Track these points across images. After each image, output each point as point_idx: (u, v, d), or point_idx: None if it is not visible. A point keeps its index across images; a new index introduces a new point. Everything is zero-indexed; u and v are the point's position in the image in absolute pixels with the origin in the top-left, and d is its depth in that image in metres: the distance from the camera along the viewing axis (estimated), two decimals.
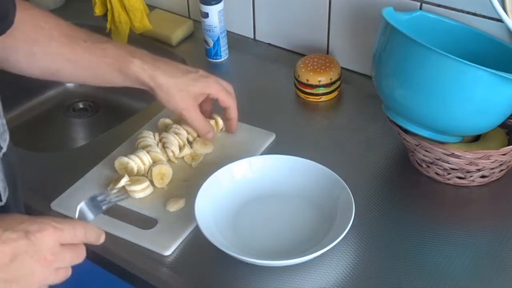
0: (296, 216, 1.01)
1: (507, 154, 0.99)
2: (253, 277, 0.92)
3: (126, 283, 0.97)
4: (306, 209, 1.01)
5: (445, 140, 1.01)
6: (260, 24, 1.43)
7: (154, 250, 0.95)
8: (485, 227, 0.98)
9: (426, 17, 1.11)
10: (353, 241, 0.96)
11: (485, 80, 0.92)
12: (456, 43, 1.08)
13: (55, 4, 1.64)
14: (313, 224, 0.99)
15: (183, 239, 0.97)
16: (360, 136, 1.17)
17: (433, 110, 0.96)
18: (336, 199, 0.99)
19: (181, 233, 0.97)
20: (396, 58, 0.98)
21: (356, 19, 1.27)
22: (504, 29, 1.08)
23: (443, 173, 1.05)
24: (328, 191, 1.01)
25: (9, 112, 1.50)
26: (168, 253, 0.95)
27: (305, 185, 1.03)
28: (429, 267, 0.92)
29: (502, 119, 1.00)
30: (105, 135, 1.23)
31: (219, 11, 1.35)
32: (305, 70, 1.24)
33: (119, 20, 1.41)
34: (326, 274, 0.92)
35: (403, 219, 1.00)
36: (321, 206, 1.00)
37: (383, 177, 1.08)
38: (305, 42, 1.38)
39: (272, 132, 1.16)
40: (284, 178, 1.04)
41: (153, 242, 0.96)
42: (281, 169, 1.05)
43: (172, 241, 0.96)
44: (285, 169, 1.05)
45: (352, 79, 1.31)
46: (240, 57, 1.42)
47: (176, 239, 0.96)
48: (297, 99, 1.28)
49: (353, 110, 1.24)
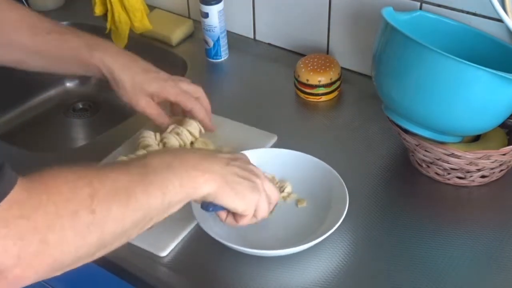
0: (290, 208, 1.01)
1: (507, 154, 0.99)
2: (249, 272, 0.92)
3: (125, 282, 0.97)
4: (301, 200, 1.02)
5: (445, 140, 1.01)
6: (260, 24, 1.43)
7: (150, 250, 0.95)
8: (485, 227, 0.98)
9: (426, 17, 1.11)
10: (353, 241, 0.97)
11: (485, 80, 0.92)
12: (456, 43, 1.08)
13: (54, 4, 1.63)
14: (307, 215, 1.00)
15: (181, 239, 0.97)
16: (360, 136, 1.17)
17: (433, 110, 0.96)
18: (330, 191, 1.00)
19: (178, 234, 0.97)
20: (396, 58, 0.98)
21: (356, 19, 1.27)
22: (504, 29, 1.08)
23: (443, 173, 1.05)
24: (322, 182, 1.02)
25: (9, 112, 1.50)
26: (164, 254, 0.95)
27: (299, 177, 1.04)
28: (429, 267, 0.92)
29: (502, 119, 1.00)
30: (105, 135, 1.23)
31: (219, 11, 1.35)
32: (305, 70, 1.24)
33: (119, 20, 1.40)
34: (326, 272, 0.92)
35: (403, 219, 1.00)
36: (315, 198, 1.01)
37: (383, 177, 1.08)
38: (305, 42, 1.38)
39: (273, 134, 1.15)
40: (278, 171, 1.05)
41: (149, 243, 0.96)
42: (275, 162, 1.05)
43: (169, 242, 0.96)
44: (279, 162, 1.05)
45: (352, 79, 1.31)
46: (240, 57, 1.42)
47: (173, 240, 0.96)
48: (297, 99, 1.28)
49: (353, 110, 1.24)
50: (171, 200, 0.76)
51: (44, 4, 1.62)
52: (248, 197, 0.85)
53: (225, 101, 1.30)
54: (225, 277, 0.93)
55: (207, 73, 1.40)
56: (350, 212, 0.95)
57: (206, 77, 1.39)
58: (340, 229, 0.96)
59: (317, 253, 0.94)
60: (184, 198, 0.79)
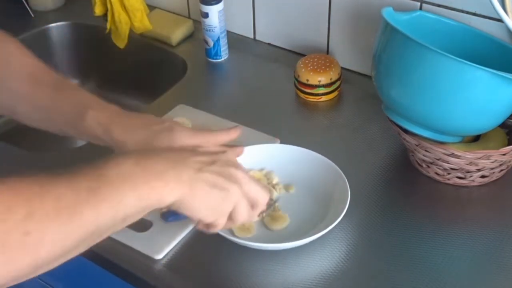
0: (292, 203, 1.02)
1: (507, 154, 0.99)
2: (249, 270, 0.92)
3: (125, 282, 0.97)
4: (302, 196, 1.03)
5: (445, 140, 1.01)
6: (260, 24, 1.43)
7: (146, 253, 0.95)
8: (485, 227, 0.98)
9: (426, 17, 1.11)
10: (353, 241, 0.97)
11: (485, 80, 0.92)
12: (456, 43, 1.08)
13: (54, 4, 1.64)
14: (308, 210, 1.00)
15: (178, 242, 0.97)
16: (360, 136, 1.17)
17: (433, 110, 0.96)
18: (332, 186, 1.00)
19: (175, 237, 0.97)
20: (396, 58, 0.98)
21: (356, 19, 1.27)
22: (504, 29, 1.08)
23: (443, 173, 1.04)
24: (323, 178, 1.02)
25: None
26: (160, 257, 0.94)
27: (302, 172, 1.04)
28: (429, 267, 0.92)
29: (502, 119, 1.00)
30: None
31: (219, 11, 1.35)
32: (305, 70, 1.24)
33: (119, 20, 1.41)
34: (326, 272, 0.92)
35: (402, 219, 1.00)
36: (317, 193, 1.02)
37: (383, 177, 1.08)
38: (305, 42, 1.38)
39: (276, 138, 1.14)
40: (280, 166, 1.06)
41: (146, 245, 0.96)
42: (277, 157, 1.06)
43: (165, 245, 0.96)
44: (281, 157, 1.06)
45: (352, 79, 1.31)
46: (240, 57, 1.42)
47: (169, 243, 0.96)
48: (297, 99, 1.28)
49: (353, 110, 1.24)
50: (126, 214, 0.69)
51: (44, 4, 1.62)
52: (218, 207, 0.78)
53: (225, 101, 1.30)
54: (224, 274, 0.93)
55: (207, 73, 1.40)
56: (350, 212, 0.95)
57: (206, 77, 1.39)
58: (340, 228, 0.96)
59: (317, 252, 0.94)
60: (143, 209, 0.71)
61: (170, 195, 0.73)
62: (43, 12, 1.62)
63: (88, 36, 1.60)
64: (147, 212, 0.72)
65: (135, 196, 0.70)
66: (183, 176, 0.74)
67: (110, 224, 0.69)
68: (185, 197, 0.74)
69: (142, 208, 0.71)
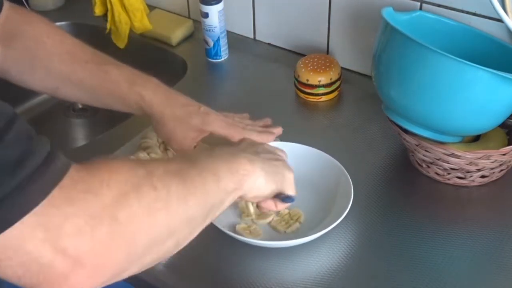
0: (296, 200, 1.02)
1: (507, 154, 0.99)
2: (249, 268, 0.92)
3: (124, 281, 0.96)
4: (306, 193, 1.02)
5: (445, 140, 1.01)
6: (260, 24, 1.43)
7: None
8: (485, 227, 0.98)
9: (426, 17, 1.11)
10: (353, 241, 0.97)
11: (485, 80, 0.92)
12: (456, 43, 1.08)
13: (54, 4, 1.64)
14: (312, 208, 1.00)
15: None
16: (360, 136, 1.17)
17: (433, 110, 0.96)
18: (336, 184, 1.01)
19: None
20: (396, 58, 0.98)
21: (356, 19, 1.27)
22: (504, 29, 1.08)
23: (443, 173, 1.05)
24: (327, 176, 1.02)
25: None
26: None
27: (305, 170, 1.04)
28: (429, 267, 0.92)
29: (502, 119, 1.00)
30: (105, 135, 1.23)
31: (219, 11, 1.35)
32: (305, 70, 1.24)
33: (119, 20, 1.41)
34: (326, 272, 0.92)
35: (403, 219, 1.00)
36: (320, 191, 1.02)
37: (383, 177, 1.08)
38: (305, 42, 1.38)
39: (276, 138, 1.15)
40: None
41: None
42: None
43: None
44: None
45: (352, 79, 1.31)
46: (240, 57, 1.42)
47: None
48: (297, 99, 1.28)
49: (353, 110, 1.24)
50: (226, 187, 0.75)
51: (44, 4, 1.62)
52: (287, 175, 0.86)
53: (225, 101, 1.30)
54: (224, 274, 0.93)
55: (207, 73, 1.40)
56: (350, 211, 0.95)
57: (206, 77, 1.40)
58: (340, 228, 0.96)
59: (317, 252, 0.94)
60: (237, 185, 0.77)
61: (254, 172, 0.80)
62: (43, 12, 1.62)
63: (88, 36, 1.59)
64: (239, 193, 0.78)
65: (227, 167, 0.76)
66: (252, 158, 0.81)
67: (216, 194, 0.74)
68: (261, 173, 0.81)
69: (236, 182, 0.77)
